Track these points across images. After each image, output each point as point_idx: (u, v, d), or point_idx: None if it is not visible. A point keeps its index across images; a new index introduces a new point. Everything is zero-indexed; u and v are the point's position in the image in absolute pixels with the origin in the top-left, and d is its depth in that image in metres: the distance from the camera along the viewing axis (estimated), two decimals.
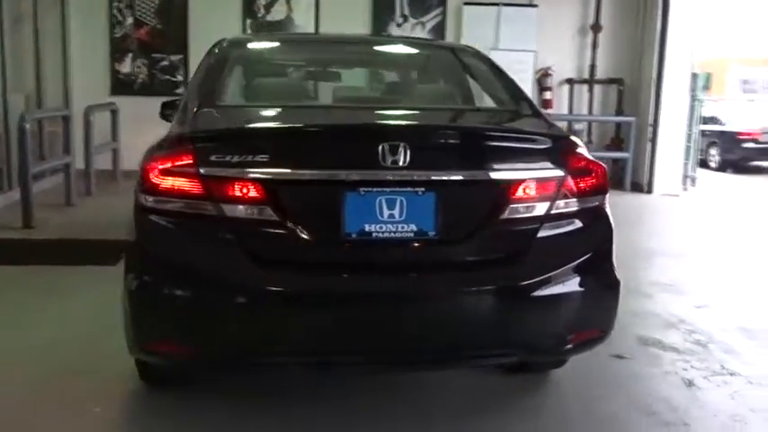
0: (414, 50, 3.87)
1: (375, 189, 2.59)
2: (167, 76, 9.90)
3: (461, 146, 2.73)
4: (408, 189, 2.62)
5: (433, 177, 2.63)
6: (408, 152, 2.57)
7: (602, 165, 2.88)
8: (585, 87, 10.28)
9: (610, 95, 10.38)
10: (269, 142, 2.66)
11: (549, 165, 2.74)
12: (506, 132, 2.93)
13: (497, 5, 9.94)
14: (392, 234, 2.60)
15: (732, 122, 15.75)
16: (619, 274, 2.86)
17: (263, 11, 9.86)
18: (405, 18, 10.00)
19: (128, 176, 9.65)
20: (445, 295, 2.61)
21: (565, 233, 2.74)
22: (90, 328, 3.99)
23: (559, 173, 2.73)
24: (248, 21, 9.88)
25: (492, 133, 2.87)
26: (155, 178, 2.61)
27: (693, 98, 9.98)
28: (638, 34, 9.93)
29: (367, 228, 2.59)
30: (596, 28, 10.03)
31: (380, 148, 2.57)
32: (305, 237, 2.56)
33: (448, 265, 2.65)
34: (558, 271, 2.70)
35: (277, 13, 9.87)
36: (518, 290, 2.64)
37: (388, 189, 2.60)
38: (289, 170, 2.57)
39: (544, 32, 9.94)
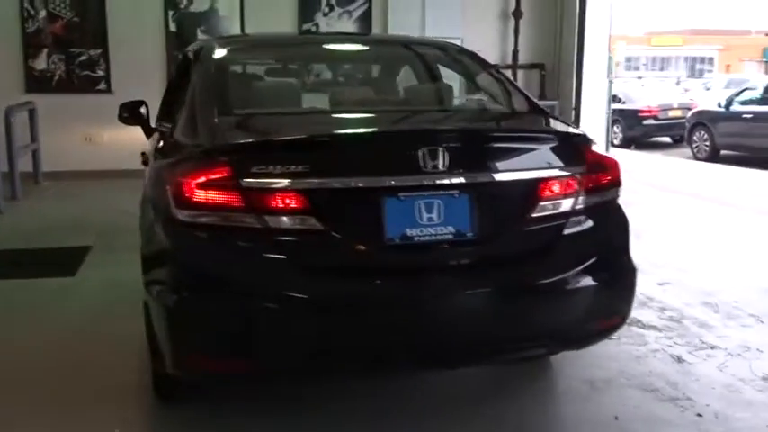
0: (409, 51, 3.90)
1: (414, 194, 2.65)
2: (87, 72, 9.51)
3: (491, 148, 2.81)
4: (444, 192, 2.68)
5: (467, 180, 2.71)
6: (446, 156, 2.64)
7: (615, 159, 3.02)
8: (509, 73, 10.55)
9: (532, 80, 10.70)
10: (310, 151, 2.65)
11: (570, 162, 2.86)
12: (531, 133, 3.03)
13: None
14: (432, 237, 2.66)
15: (632, 101, 16.50)
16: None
17: (185, 1, 9.60)
18: (331, 7, 9.97)
19: (51, 178, 9.34)
20: (487, 293, 2.70)
21: (588, 227, 2.88)
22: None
23: (580, 169, 2.86)
24: (170, 12, 9.60)
25: (518, 134, 2.96)
26: (191, 192, 2.56)
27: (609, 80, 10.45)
28: (558, 19, 10.28)
29: (408, 232, 2.64)
30: (518, 14, 10.30)
31: (420, 153, 2.62)
32: (349, 244, 2.59)
33: (486, 263, 2.73)
34: (586, 264, 2.84)
35: (200, 4, 9.64)
36: (552, 284, 2.76)
37: (426, 193, 2.66)
38: (330, 178, 2.58)
39: (469, 19, 10.13)
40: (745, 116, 13.05)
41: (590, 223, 2.89)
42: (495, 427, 3.13)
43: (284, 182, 2.54)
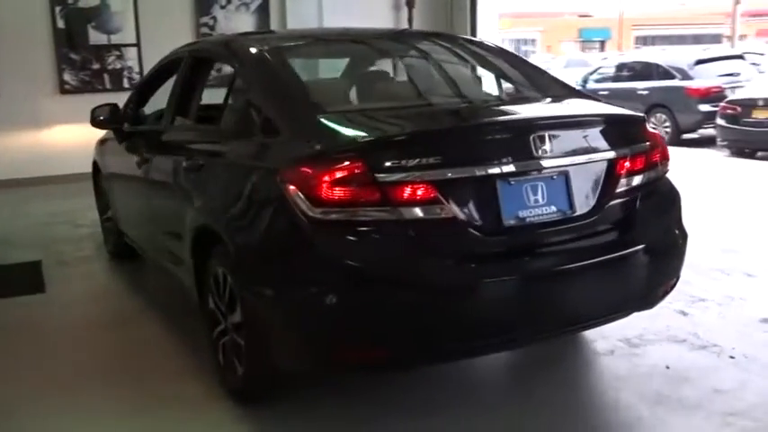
0: (451, 45, 4.06)
1: (521, 178, 2.85)
2: None
3: (579, 132, 3.05)
4: (545, 175, 2.90)
5: (562, 162, 2.94)
6: (547, 141, 2.86)
7: (662, 135, 3.37)
8: None
9: None
10: (435, 143, 2.78)
11: (637, 140, 3.17)
12: (608, 116, 3.29)
13: None
14: (540, 217, 2.88)
15: None
16: None
17: None
18: (228, 0, 9.81)
19: None
20: (592, 264, 2.94)
21: (655, 198, 3.21)
22: None
23: (645, 146, 3.17)
24: (57, 8, 9.07)
25: (599, 118, 3.21)
26: (327, 190, 2.62)
27: None
28: (448, 8, 10.67)
29: (521, 214, 2.84)
30: (410, 3, 10.60)
31: (528, 139, 2.83)
32: (475, 229, 2.75)
33: (586, 237, 2.98)
34: (659, 231, 3.17)
35: None
36: (638, 252, 3.06)
37: (530, 177, 2.87)
38: (456, 168, 2.73)
39: (363, 10, 10.30)
40: (601, 93, 14.16)
41: (656, 195, 3.22)
42: (570, 384, 3.45)
43: (415, 173, 2.66)
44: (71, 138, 9.28)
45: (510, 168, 2.82)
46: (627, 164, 3.10)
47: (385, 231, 2.67)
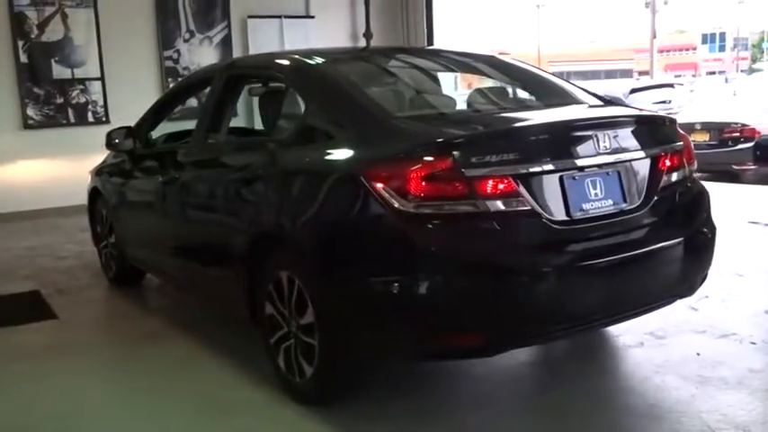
0: (488, 60, 4.30)
1: (583, 173, 3.08)
2: None
3: (627, 131, 3.29)
4: (601, 171, 3.14)
5: (614, 159, 3.18)
6: (605, 140, 3.11)
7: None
8: None
9: None
10: (514, 141, 2.99)
11: (673, 140, 3.44)
12: (649, 116, 3.55)
13: (279, 18, 10.31)
14: (600, 209, 3.11)
15: None
16: None
17: (36, 31, 9.01)
18: (191, 33, 9.88)
19: None
20: (648, 252, 3.18)
21: (692, 194, 3.49)
22: None
23: (680, 145, 3.46)
24: (19, 42, 8.96)
25: (644, 118, 3.46)
26: (419, 185, 2.79)
27: None
28: (406, 40, 11.01)
29: (584, 206, 3.06)
30: (368, 35, 10.89)
31: (592, 138, 3.07)
32: (547, 220, 2.95)
33: (640, 228, 3.22)
34: (698, 223, 3.45)
35: (53, 33, 9.10)
36: (684, 242, 3.31)
37: (591, 172, 3.10)
38: (532, 163, 2.94)
39: (323, 41, 10.53)
40: None
41: (691, 190, 3.50)
42: (602, 377, 3.66)
43: (498, 168, 2.85)
44: (36, 173, 9.15)
45: (575, 164, 3.05)
46: (667, 161, 3.37)
47: (472, 223, 2.84)
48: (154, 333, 4.53)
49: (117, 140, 4.89)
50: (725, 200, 3.65)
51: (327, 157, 3.23)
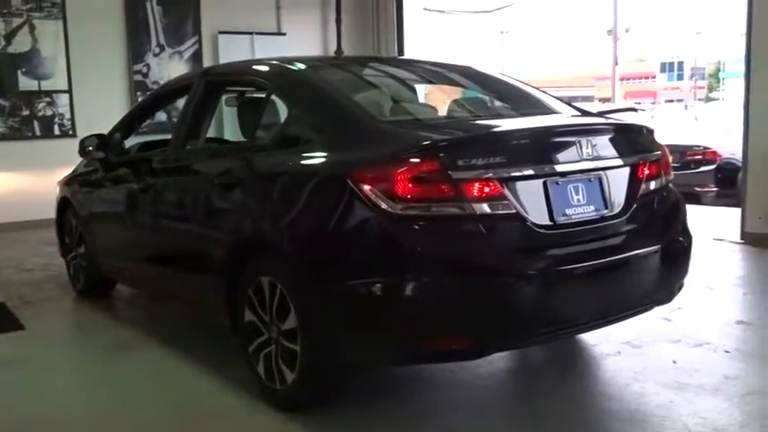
0: (455, 68, 4.33)
1: (565, 179, 3.11)
2: None
3: (608, 139, 3.34)
4: (583, 177, 3.18)
5: (596, 165, 3.22)
6: (587, 146, 3.16)
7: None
8: None
9: None
10: (500, 144, 3.02)
11: (651, 149, 3.50)
12: (629, 125, 3.60)
13: (251, 34, 10.31)
14: (582, 215, 3.14)
15: None
16: None
17: (2, 41, 8.88)
18: (161, 48, 9.82)
19: None
20: (629, 258, 3.22)
21: (669, 202, 3.55)
22: None
23: (658, 154, 3.52)
24: None
25: (624, 127, 3.50)
26: (406, 187, 2.79)
27: None
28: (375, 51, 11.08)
29: (567, 212, 3.10)
30: (339, 52, 10.93)
31: (576, 144, 3.11)
32: (533, 224, 2.97)
33: (621, 234, 3.26)
34: (676, 231, 3.50)
35: (20, 45, 8.97)
36: (663, 249, 3.35)
37: (573, 178, 3.14)
38: (517, 168, 2.96)
39: (293, 53, 10.54)
40: None
41: (668, 198, 3.55)
42: (583, 384, 3.69)
43: (485, 172, 2.87)
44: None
45: (559, 169, 3.08)
46: (646, 170, 3.42)
47: (459, 225, 2.85)
48: (126, 343, 4.45)
49: (90, 148, 4.83)
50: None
51: (312, 161, 3.22)
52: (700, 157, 12.10)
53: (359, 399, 3.43)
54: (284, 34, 10.64)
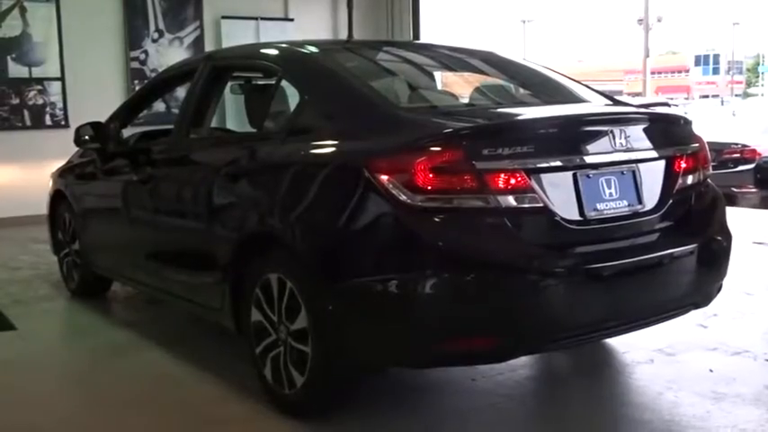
0: (476, 53, 4.35)
1: (597, 171, 3.12)
2: None
3: (643, 130, 3.34)
4: (616, 170, 3.19)
5: (629, 158, 3.23)
6: (621, 137, 3.16)
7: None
8: None
9: None
10: (527, 134, 3.03)
11: (689, 141, 3.51)
12: (665, 115, 3.62)
13: (256, 20, 10.36)
14: (614, 210, 3.15)
15: None
16: None
17: None
18: (161, 33, 9.89)
19: None
20: (664, 258, 3.22)
21: (707, 198, 3.55)
22: None
23: (696, 147, 3.52)
24: None
25: (661, 117, 3.53)
26: (424, 176, 2.80)
27: None
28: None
29: (599, 206, 3.11)
30: (350, 38, 10.96)
31: (609, 134, 3.12)
32: (560, 219, 2.99)
33: (655, 232, 3.27)
34: (714, 229, 3.50)
35: (10, 29, 9.05)
36: (700, 248, 3.36)
37: (605, 171, 3.15)
38: (544, 159, 2.97)
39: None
40: None
41: (707, 194, 3.56)
42: (612, 393, 3.72)
43: (511, 162, 2.88)
44: None
45: (590, 161, 3.09)
46: (683, 163, 3.42)
47: (483, 218, 2.87)
48: (123, 345, 4.49)
49: (87, 137, 4.86)
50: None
51: (325, 150, 3.24)
52: (737, 155, 12.03)
53: (373, 404, 3.44)
54: (292, 20, 10.69)
